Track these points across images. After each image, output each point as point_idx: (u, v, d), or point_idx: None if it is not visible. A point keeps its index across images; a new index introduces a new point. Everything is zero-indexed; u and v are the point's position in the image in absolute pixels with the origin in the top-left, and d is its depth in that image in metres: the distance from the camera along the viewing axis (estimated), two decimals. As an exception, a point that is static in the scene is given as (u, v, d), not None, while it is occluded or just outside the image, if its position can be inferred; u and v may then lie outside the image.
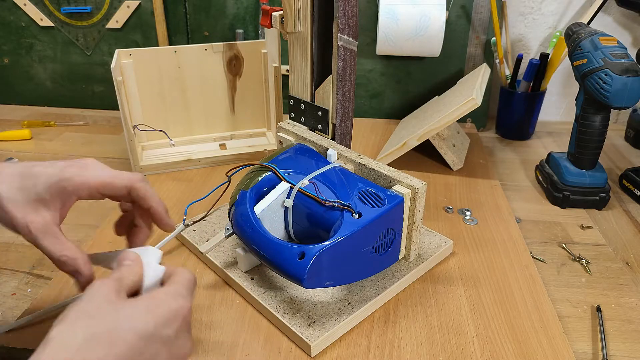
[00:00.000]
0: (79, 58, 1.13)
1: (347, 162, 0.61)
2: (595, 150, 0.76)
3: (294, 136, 0.67)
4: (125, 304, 0.32)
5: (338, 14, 0.57)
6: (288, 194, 0.56)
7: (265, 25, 0.63)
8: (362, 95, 1.11)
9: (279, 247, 0.49)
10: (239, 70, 0.93)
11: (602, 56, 0.71)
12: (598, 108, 0.73)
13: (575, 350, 0.52)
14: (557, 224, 0.74)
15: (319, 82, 0.63)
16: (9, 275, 0.62)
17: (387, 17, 0.91)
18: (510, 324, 0.54)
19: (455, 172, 0.88)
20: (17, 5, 1.08)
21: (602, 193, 0.77)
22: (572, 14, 1.06)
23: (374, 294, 0.56)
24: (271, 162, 0.59)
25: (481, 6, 1.00)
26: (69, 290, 0.58)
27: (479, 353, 0.50)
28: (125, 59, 0.85)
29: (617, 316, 0.56)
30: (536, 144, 1.03)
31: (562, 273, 0.64)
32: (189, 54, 0.89)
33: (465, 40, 1.04)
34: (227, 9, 1.06)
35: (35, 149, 0.96)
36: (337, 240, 0.48)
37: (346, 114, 0.64)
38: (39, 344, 0.51)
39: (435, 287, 0.59)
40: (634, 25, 1.06)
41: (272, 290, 0.56)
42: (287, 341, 0.52)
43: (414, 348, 0.51)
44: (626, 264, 0.65)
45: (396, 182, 0.56)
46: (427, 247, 0.64)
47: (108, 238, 0.67)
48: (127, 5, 1.06)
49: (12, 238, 0.68)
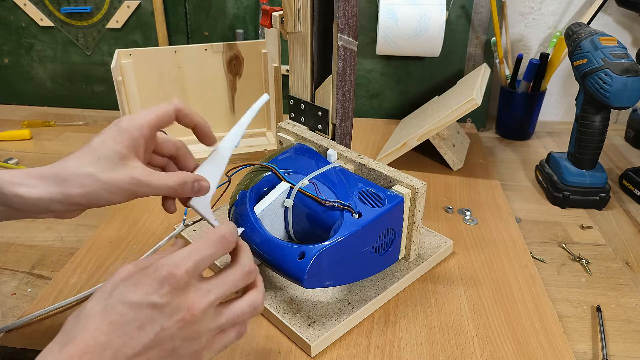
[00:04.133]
0: (79, 58, 1.13)
1: (347, 162, 0.61)
2: (595, 150, 0.76)
3: (294, 136, 0.67)
4: (121, 283, 0.36)
5: (338, 14, 0.57)
6: (288, 194, 0.56)
7: (265, 25, 0.63)
8: (362, 95, 1.11)
9: (279, 247, 0.49)
10: (239, 70, 0.93)
11: (602, 56, 0.71)
12: (598, 108, 0.73)
13: (575, 350, 0.52)
14: (557, 224, 0.74)
15: (319, 82, 0.63)
16: (9, 275, 0.62)
17: (387, 17, 0.91)
18: (510, 324, 0.54)
19: (455, 172, 0.88)
20: (17, 5, 1.08)
21: (602, 193, 0.77)
22: (572, 14, 1.06)
23: (374, 294, 0.56)
24: (271, 162, 0.59)
25: (481, 6, 1.00)
26: (69, 290, 0.58)
27: (479, 353, 0.50)
28: (125, 59, 0.85)
29: (617, 316, 0.56)
30: (536, 144, 1.03)
31: (562, 273, 0.64)
32: (189, 54, 0.89)
33: (465, 40, 1.04)
34: (227, 9, 1.06)
35: (35, 149, 0.96)
36: (337, 240, 0.48)
37: (346, 114, 0.64)
38: (39, 344, 0.51)
39: (435, 287, 0.59)
40: (634, 25, 1.06)
41: (272, 290, 0.56)
42: (287, 341, 0.52)
43: (414, 348, 0.51)
44: (626, 264, 0.65)
45: (396, 182, 0.56)
46: (427, 247, 0.64)
47: (108, 238, 0.67)
48: (127, 5, 1.06)
49: (12, 238, 0.68)
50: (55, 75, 1.15)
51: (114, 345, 0.33)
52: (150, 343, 0.35)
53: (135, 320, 0.34)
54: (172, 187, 0.42)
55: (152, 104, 0.88)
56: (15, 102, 1.19)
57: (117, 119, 0.43)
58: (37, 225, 0.71)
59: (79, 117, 1.12)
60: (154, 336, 0.35)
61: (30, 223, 0.71)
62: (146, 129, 0.42)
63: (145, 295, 0.35)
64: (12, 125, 1.06)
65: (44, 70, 1.15)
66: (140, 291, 0.35)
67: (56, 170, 0.41)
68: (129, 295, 0.35)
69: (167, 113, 0.44)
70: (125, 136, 0.41)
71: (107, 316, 0.34)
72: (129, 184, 0.40)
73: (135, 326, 0.34)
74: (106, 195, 0.40)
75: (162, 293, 0.35)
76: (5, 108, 1.16)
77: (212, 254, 0.38)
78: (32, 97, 1.18)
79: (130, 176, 0.40)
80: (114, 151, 0.41)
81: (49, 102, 1.18)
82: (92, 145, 0.41)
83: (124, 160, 0.41)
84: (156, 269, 0.36)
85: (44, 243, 0.68)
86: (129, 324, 0.34)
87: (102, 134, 0.42)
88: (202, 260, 0.37)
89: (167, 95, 0.90)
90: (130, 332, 0.34)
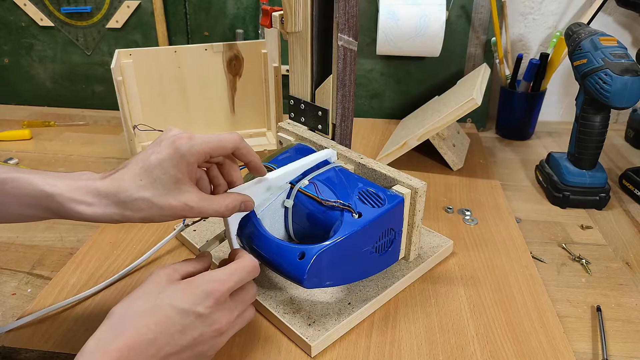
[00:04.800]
0: (79, 58, 1.13)
1: (347, 162, 0.61)
2: (595, 150, 0.76)
3: (294, 136, 0.67)
4: (169, 287, 0.40)
5: (338, 14, 0.57)
6: (288, 194, 0.56)
7: (265, 25, 0.63)
8: (362, 95, 1.11)
9: (279, 247, 0.49)
10: (239, 70, 0.93)
11: (602, 56, 0.71)
12: (598, 108, 0.73)
13: (575, 350, 0.52)
14: (557, 224, 0.74)
15: (319, 82, 0.63)
16: (9, 275, 0.62)
17: (387, 17, 0.91)
18: (510, 324, 0.54)
19: (455, 172, 0.88)
20: (17, 5, 1.08)
21: (602, 193, 0.77)
22: (572, 14, 1.06)
23: (374, 294, 0.56)
24: (271, 162, 0.59)
25: (481, 6, 1.00)
26: (69, 290, 0.58)
27: (479, 353, 0.50)
28: (125, 59, 0.85)
29: (617, 316, 0.56)
30: (536, 144, 1.03)
31: (562, 273, 0.64)
32: (189, 54, 0.89)
33: (465, 40, 1.04)
34: (227, 9, 1.06)
35: (35, 149, 0.96)
36: (337, 240, 0.48)
37: (346, 114, 0.64)
38: (39, 344, 0.51)
39: (435, 287, 0.59)
40: (634, 25, 1.06)
41: (272, 290, 0.56)
42: (287, 341, 0.52)
43: (414, 348, 0.51)
44: (626, 264, 0.65)
45: (396, 182, 0.56)
46: (427, 247, 0.64)
47: (108, 238, 0.67)
48: (127, 5, 1.06)
49: (11, 238, 0.68)
50: (55, 75, 1.15)
51: (158, 343, 0.37)
52: (188, 345, 0.39)
53: (180, 324, 0.39)
54: (222, 212, 0.46)
55: (152, 104, 0.90)
56: (15, 102, 1.19)
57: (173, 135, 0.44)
58: (37, 225, 0.71)
59: (79, 117, 1.12)
60: (192, 340, 0.40)
61: (31, 223, 0.71)
62: (202, 158, 0.44)
63: (192, 304, 0.39)
64: (12, 125, 1.06)
65: (44, 70, 1.15)
66: (189, 300, 0.39)
67: (115, 190, 0.43)
68: (177, 302, 0.39)
69: (225, 148, 0.46)
70: (182, 161, 0.43)
71: (155, 317, 0.38)
72: (182, 210, 0.43)
73: (178, 329, 0.39)
74: (160, 217, 0.43)
75: (207, 305, 0.40)
76: (5, 108, 1.17)
77: (244, 278, 0.44)
78: (32, 97, 1.18)
79: (184, 203, 0.43)
80: (169, 175, 0.43)
81: (49, 102, 1.18)
82: (148, 163, 0.43)
83: (178, 184, 0.43)
84: (203, 281, 0.41)
85: (44, 243, 0.68)
86: (174, 326, 0.38)
87: (158, 152, 0.43)
88: (238, 282, 0.43)
89: (167, 95, 0.91)
90: (174, 333, 0.38)
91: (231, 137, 0.46)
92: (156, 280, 0.41)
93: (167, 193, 0.43)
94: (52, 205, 0.42)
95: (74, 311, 0.55)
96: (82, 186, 0.43)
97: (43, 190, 0.42)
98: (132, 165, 0.44)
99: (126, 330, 0.37)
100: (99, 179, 0.44)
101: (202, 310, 0.40)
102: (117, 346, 0.36)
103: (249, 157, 0.49)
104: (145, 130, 0.88)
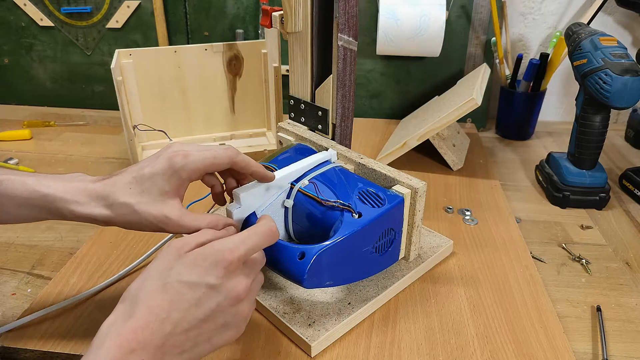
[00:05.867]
0: (79, 58, 1.13)
1: (347, 162, 0.61)
2: (595, 150, 0.76)
3: (294, 136, 0.67)
4: (177, 262, 0.39)
5: (338, 14, 0.57)
6: (288, 194, 0.56)
7: (265, 25, 0.63)
8: (362, 95, 1.11)
9: (279, 247, 0.49)
10: (239, 70, 0.93)
11: (602, 56, 0.71)
12: (598, 108, 0.73)
13: (575, 350, 0.52)
14: (557, 224, 0.74)
15: (319, 82, 0.63)
16: (9, 275, 0.62)
17: (387, 17, 0.91)
18: (510, 324, 0.54)
19: (455, 172, 0.88)
20: (17, 5, 1.08)
21: (602, 193, 0.77)
22: (572, 14, 1.06)
23: (374, 294, 0.56)
24: (271, 162, 0.59)
25: (481, 6, 1.00)
26: (69, 290, 0.58)
27: (479, 353, 0.50)
28: (125, 59, 0.85)
29: (617, 316, 0.56)
30: (536, 144, 1.03)
31: (562, 273, 0.64)
32: (189, 54, 0.89)
33: (465, 40, 1.04)
34: (227, 9, 1.06)
35: (35, 149, 0.96)
36: (337, 240, 0.48)
37: (346, 114, 0.64)
38: (39, 344, 0.51)
39: (435, 287, 0.59)
40: (634, 25, 1.06)
41: (272, 290, 0.56)
42: (287, 341, 0.52)
43: (414, 348, 0.51)
44: (626, 264, 0.65)
45: (396, 182, 0.56)
46: (427, 247, 0.64)
47: (108, 238, 0.67)
48: (127, 5, 1.06)
49: (12, 238, 0.68)
50: (55, 75, 1.15)
51: (172, 319, 0.37)
52: (206, 317, 0.39)
53: (193, 298, 0.38)
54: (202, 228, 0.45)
55: (152, 104, 0.90)
56: (15, 102, 1.19)
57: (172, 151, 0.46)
58: (37, 225, 0.71)
59: (79, 117, 1.12)
60: (210, 312, 0.39)
61: (31, 223, 0.71)
62: (195, 175, 0.46)
63: (202, 276, 0.38)
64: (12, 125, 1.06)
65: (44, 70, 1.15)
66: (197, 272, 0.39)
67: (106, 193, 0.45)
68: (186, 276, 0.38)
69: (220, 165, 0.47)
70: (174, 176, 0.45)
71: (167, 294, 0.37)
72: (160, 221, 0.45)
73: (192, 303, 0.38)
74: (139, 225, 0.45)
75: (217, 275, 0.39)
76: (5, 108, 1.17)
77: (260, 244, 0.42)
78: (32, 97, 1.18)
79: (164, 214, 0.45)
80: (157, 187, 0.45)
81: (49, 102, 1.18)
82: (141, 174, 0.45)
83: (164, 196, 0.45)
84: (212, 251, 0.40)
85: (44, 243, 0.68)
86: (188, 301, 0.38)
87: (152, 166, 0.45)
88: (252, 249, 0.41)
89: (167, 95, 0.91)
90: (188, 308, 0.38)
91: (226, 152, 0.47)
92: (165, 257, 0.40)
93: (150, 203, 0.44)
94: (46, 204, 0.44)
95: (74, 311, 0.55)
96: (75, 187, 0.45)
97: (37, 190, 0.44)
98: (126, 174, 0.46)
99: (138, 311, 0.37)
100: (91, 182, 0.46)
101: (214, 280, 0.39)
102: (131, 327, 0.36)
103: (249, 169, 0.50)
104: (145, 130, 0.88)
